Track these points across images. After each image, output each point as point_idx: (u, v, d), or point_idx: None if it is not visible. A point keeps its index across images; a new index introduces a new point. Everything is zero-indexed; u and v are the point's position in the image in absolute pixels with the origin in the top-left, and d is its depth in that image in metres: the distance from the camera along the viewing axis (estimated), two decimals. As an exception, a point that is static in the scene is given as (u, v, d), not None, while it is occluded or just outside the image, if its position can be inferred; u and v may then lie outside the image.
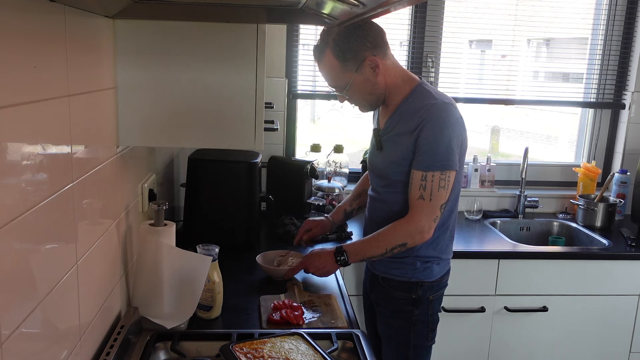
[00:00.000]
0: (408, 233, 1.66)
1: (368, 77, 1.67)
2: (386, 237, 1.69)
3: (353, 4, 0.86)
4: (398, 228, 1.67)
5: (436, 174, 1.61)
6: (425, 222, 1.64)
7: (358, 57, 1.64)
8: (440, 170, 1.61)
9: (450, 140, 1.61)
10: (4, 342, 0.80)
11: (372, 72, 1.66)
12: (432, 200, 1.63)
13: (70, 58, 1.03)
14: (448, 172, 1.62)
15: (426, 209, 1.64)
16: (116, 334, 1.32)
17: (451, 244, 1.82)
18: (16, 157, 0.83)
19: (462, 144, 1.67)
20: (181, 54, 1.37)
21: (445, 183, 1.63)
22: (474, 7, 2.87)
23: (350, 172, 2.80)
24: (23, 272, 0.87)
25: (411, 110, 1.66)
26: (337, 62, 1.66)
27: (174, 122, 1.41)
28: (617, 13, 2.85)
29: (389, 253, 1.68)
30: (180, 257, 1.43)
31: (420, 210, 1.64)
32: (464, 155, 1.71)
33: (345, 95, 1.75)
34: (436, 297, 1.80)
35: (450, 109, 1.63)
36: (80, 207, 1.10)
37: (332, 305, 1.63)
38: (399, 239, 1.66)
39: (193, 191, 2.12)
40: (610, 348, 2.43)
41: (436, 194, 1.63)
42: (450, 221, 1.77)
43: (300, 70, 2.76)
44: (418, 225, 1.65)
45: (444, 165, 1.61)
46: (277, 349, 1.27)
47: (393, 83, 1.70)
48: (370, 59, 1.64)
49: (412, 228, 1.65)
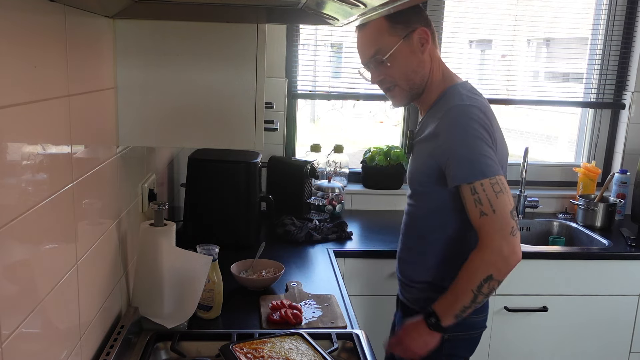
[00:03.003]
0: (487, 262, 1.36)
1: (415, 50, 1.47)
2: (466, 277, 1.39)
3: (353, 4, 0.86)
4: (474, 261, 1.39)
5: (485, 181, 1.36)
6: (501, 239, 1.35)
7: (410, 23, 1.46)
8: (489, 177, 1.36)
9: (475, 143, 1.38)
10: (4, 342, 0.80)
11: (419, 46, 1.47)
12: (497, 211, 1.35)
13: (70, 58, 1.03)
14: (497, 176, 1.37)
15: (495, 224, 1.36)
16: (116, 334, 1.32)
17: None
18: (16, 157, 0.83)
19: (496, 149, 1.42)
20: (181, 54, 1.37)
21: (500, 187, 1.36)
22: (474, 7, 2.87)
23: (350, 172, 2.80)
24: (23, 271, 0.87)
25: (436, 114, 1.48)
26: (386, 22, 1.46)
27: (174, 122, 1.41)
28: (617, 13, 2.85)
29: (481, 295, 1.38)
30: (180, 257, 1.43)
31: (489, 229, 1.36)
32: (502, 163, 1.46)
33: (386, 63, 1.49)
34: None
35: (472, 111, 1.41)
36: (80, 207, 1.10)
37: (332, 305, 1.63)
38: (480, 273, 1.37)
39: (193, 191, 2.12)
40: (610, 348, 2.43)
41: (497, 202, 1.35)
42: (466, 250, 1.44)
43: (300, 70, 2.76)
44: (493, 246, 1.36)
45: (487, 172, 1.37)
46: (277, 349, 1.27)
47: (435, 74, 1.52)
48: (421, 29, 1.46)
49: (489, 253, 1.36)
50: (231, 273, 1.74)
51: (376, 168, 2.79)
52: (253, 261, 1.85)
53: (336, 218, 2.58)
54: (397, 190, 2.82)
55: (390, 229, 2.55)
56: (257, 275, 1.79)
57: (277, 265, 1.82)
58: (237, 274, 1.77)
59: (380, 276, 2.24)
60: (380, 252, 2.25)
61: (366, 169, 2.83)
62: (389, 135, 5.16)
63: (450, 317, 1.42)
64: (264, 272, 1.80)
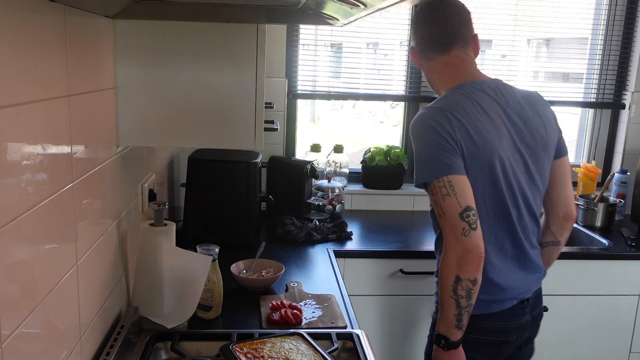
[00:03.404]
0: (449, 264, 1.39)
1: (421, 65, 1.63)
2: (441, 285, 1.42)
3: (353, 4, 0.86)
4: (441, 267, 1.42)
5: (434, 183, 1.40)
6: (453, 240, 1.37)
7: (411, 40, 1.65)
8: (435, 178, 1.40)
9: (429, 145, 1.42)
10: (4, 342, 0.80)
11: (416, 62, 1.64)
12: (446, 213, 1.38)
13: (70, 58, 1.03)
14: (444, 178, 1.38)
15: (446, 226, 1.39)
16: (116, 334, 1.32)
17: (491, 269, 1.47)
18: (16, 157, 0.83)
19: (456, 144, 1.41)
20: (181, 54, 1.37)
21: (447, 190, 1.38)
22: (474, 7, 2.85)
23: (350, 172, 2.80)
24: (23, 271, 0.87)
25: None
26: None
27: (174, 122, 1.41)
28: (617, 13, 2.85)
29: (461, 299, 1.39)
30: (180, 257, 1.43)
31: (445, 230, 1.40)
32: (475, 157, 1.42)
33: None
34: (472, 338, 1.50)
35: (426, 114, 1.45)
36: (80, 207, 1.10)
37: (332, 305, 1.63)
38: (448, 278, 1.39)
39: (193, 191, 2.12)
40: (610, 348, 2.42)
41: (444, 204, 1.38)
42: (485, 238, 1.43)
43: (300, 70, 2.76)
44: (449, 248, 1.39)
45: (432, 173, 1.40)
46: (277, 349, 1.27)
47: (437, 84, 1.60)
48: (410, 50, 1.65)
49: (447, 255, 1.39)
50: (231, 273, 1.74)
51: (376, 168, 2.79)
52: (253, 261, 1.85)
53: (336, 218, 2.58)
54: (397, 190, 2.82)
55: (390, 228, 2.55)
56: (257, 275, 1.79)
57: (277, 265, 1.82)
58: (237, 274, 1.77)
59: (380, 276, 2.24)
60: (380, 252, 2.25)
61: (366, 169, 2.83)
62: (389, 135, 5.16)
63: (453, 330, 1.43)
64: (264, 272, 1.80)
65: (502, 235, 1.50)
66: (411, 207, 2.84)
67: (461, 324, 1.43)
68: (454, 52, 1.55)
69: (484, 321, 1.51)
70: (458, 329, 1.43)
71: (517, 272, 1.53)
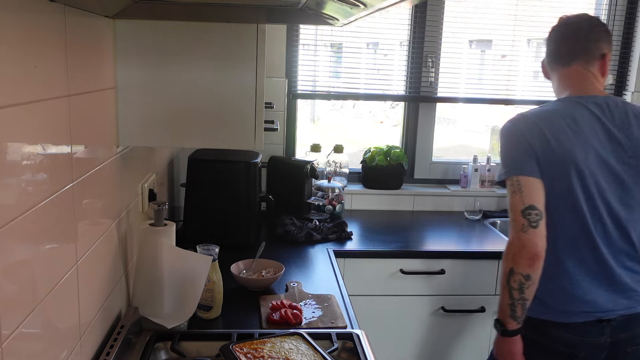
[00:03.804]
0: (506, 256, 1.48)
1: (546, 76, 1.71)
2: (501, 274, 1.51)
3: (353, 4, 0.86)
4: (502, 256, 1.51)
5: (507, 181, 1.51)
6: (513, 234, 1.47)
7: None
8: (506, 177, 1.51)
9: (508, 148, 1.54)
10: (4, 342, 0.80)
11: (544, 73, 1.72)
12: (511, 210, 1.48)
13: (70, 58, 1.03)
14: (514, 177, 1.49)
15: (511, 220, 1.49)
16: (116, 334, 1.32)
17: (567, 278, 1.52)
18: (16, 157, 0.83)
19: (532, 150, 1.49)
20: (181, 54, 1.37)
21: (515, 188, 1.48)
22: (474, 7, 2.87)
23: (350, 172, 2.80)
24: (23, 271, 0.87)
25: None
26: None
27: (174, 122, 1.41)
28: (617, 13, 2.85)
29: (514, 291, 1.47)
30: (180, 257, 1.43)
31: (509, 224, 1.51)
32: (552, 164, 1.48)
33: None
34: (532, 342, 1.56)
35: (513, 120, 1.57)
36: (80, 207, 1.10)
37: (332, 305, 1.63)
38: (505, 268, 1.48)
39: (193, 191, 2.12)
40: (610, 348, 2.42)
41: (511, 201, 1.49)
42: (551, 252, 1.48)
43: (300, 70, 2.76)
44: (509, 241, 1.49)
45: (506, 172, 1.52)
46: (277, 349, 1.27)
47: (556, 93, 1.69)
48: (541, 62, 1.72)
49: (506, 247, 1.49)
50: (231, 273, 1.74)
51: (376, 168, 2.79)
52: (253, 261, 1.85)
53: (336, 218, 2.58)
54: (397, 190, 2.82)
55: (390, 229, 2.55)
56: (257, 275, 1.79)
57: (277, 265, 1.82)
58: (237, 274, 1.77)
59: (380, 276, 2.24)
60: (380, 252, 2.25)
61: (366, 169, 2.83)
62: (389, 135, 5.15)
63: (508, 319, 1.50)
64: (264, 272, 1.80)
65: (582, 248, 1.52)
66: (411, 207, 2.84)
67: (515, 315, 1.49)
68: (574, 67, 1.60)
69: (550, 327, 1.53)
70: (512, 319, 1.50)
71: (600, 289, 1.52)
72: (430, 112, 2.88)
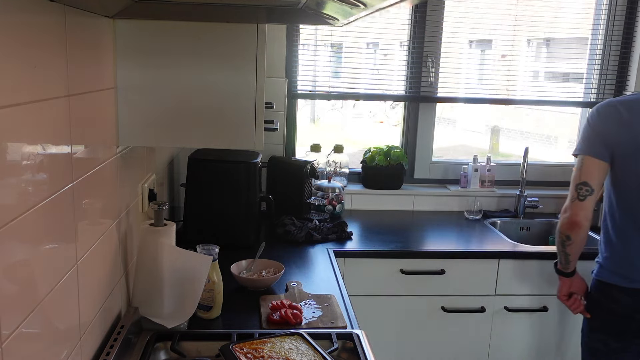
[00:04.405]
0: (560, 216, 1.86)
1: None
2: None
3: (353, 4, 0.86)
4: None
5: (577, 158, 1.84)
6: (567, 202, 1.83)
7: None
8: (575, 154, 1.85)
9: (586, 128, 1.83)
10: (4, 342, 0.80)
11: None
12: (571, 181, 1.83)
13: (70, 58, 1.03)
14: (581, 156, 1.82)
15: (569, 190, 1.83)
16: (116, 334, 1.32)
17: (611, 249, 1.89)
18: (16, 157, 0.83)
19: (604, 136, 1.79)
20: (181, 54, 1.37)
21: (578, 165, 1.81)
22: (474, 7, 2.86)
23: (350, 172, 2.80)
24: (23, 271, 0.87)
25: None
26: None
27: (174, 122, 1.40)
28: (617, 13, 2.85)
29: (559, 244, 1.89)
30: (180, 257, 1.43)
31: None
32: (624, 152, 1.77)
33: None
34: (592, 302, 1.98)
35: (601, 104, 1.86)
36: (80, 207, 1.10)
37: (332, 305, 1.63)
38: (558, 224, 1.87)
39: (193, 191, 2.12)
40: (610, 348, 2.43)
41: (573, 174, 1.83)
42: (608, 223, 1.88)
43: (300, 70, 2.76)
44: (563, 207, 1.85)
45: (577, 150, 1.85)
46: (277, 349, 1.27)
47: None
48: None
49: (563, 210, 1.85)
50: (231, 273, 1.74)
51: (376, 168, 2.79)
52: (253, 261, 1.85)
53: (336, 218, 2.58)
54: (397, 190, 2.82)
55: (390, 228, 2.55)
56: (257, 275, 1.79)
57: (277, 265, 1.82)
58: (237, 274, 1.77)
59: (380, 276, 2.24)
60: (380, 252, 2.25)
61: (366, 169, 2.83)
62: (389, 135, 5.15)
63: (561, 259, 1.95)
64: (264, 272, 1.80)
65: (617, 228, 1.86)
66: (411, 207, 2.84)
67: (562, 262, 1.95)
68: None
69: (615, 290, 1.84)
70: (561, 264, 1.97)
71: None
72: (430, 112, 2.88)
